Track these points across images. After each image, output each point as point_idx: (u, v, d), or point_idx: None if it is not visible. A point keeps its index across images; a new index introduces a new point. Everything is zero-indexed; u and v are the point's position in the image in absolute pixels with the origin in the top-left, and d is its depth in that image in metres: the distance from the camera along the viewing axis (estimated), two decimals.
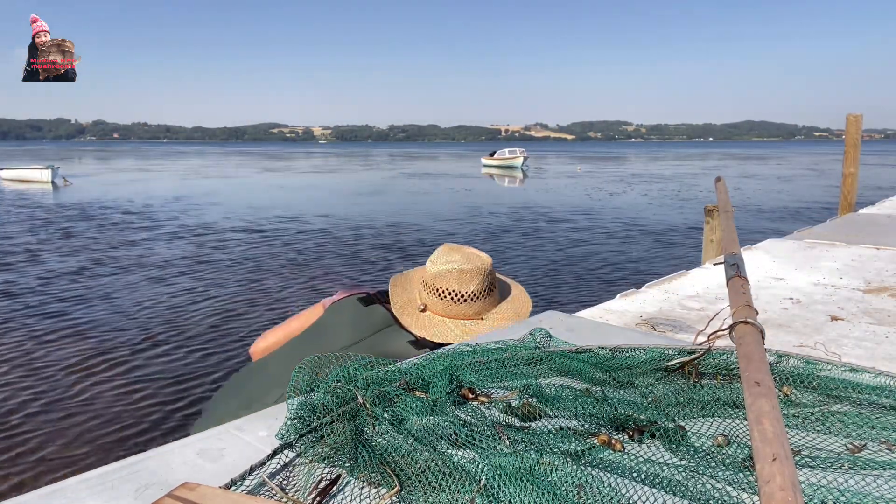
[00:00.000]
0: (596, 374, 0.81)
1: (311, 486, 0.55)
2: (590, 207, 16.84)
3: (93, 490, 0.57)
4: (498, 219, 13.67)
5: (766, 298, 1.58)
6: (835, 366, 0.82)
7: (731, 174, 32.21)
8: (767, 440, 0.54)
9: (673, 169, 41.31)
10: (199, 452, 0.65)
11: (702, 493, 0.53)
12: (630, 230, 12.50)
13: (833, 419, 0.68)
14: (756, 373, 0.66)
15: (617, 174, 34.27)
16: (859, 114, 8.06)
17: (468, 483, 0.53)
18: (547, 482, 0.53)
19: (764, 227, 11.92)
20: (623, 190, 22.81)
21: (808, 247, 2.40)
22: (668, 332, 1.26)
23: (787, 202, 17.76)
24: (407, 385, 0.74)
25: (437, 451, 0.59)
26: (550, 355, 0.85)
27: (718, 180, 1.29)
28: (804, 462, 0.60)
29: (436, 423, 0.65)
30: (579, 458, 0.59)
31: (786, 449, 0.53)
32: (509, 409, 0.71)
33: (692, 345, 0.91)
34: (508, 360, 0.84)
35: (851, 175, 8.12)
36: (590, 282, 8.37)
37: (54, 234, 10.14)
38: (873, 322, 1.37)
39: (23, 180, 26.78)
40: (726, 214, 1.11)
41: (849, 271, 1.92)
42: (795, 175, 32.40)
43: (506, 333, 1.00)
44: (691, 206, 16.71)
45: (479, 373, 0.80)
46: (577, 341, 0.93)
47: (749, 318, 0.80)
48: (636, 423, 0.66)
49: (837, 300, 1.56)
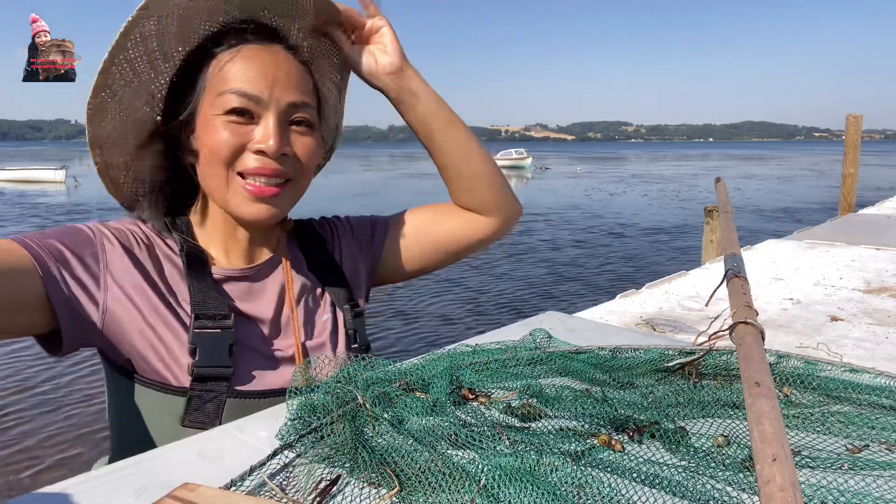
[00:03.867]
0: (596, 374, 0.81)
1: (311, 487, 0.55)
2: (590, 207, 16.84)
3: (93, 490, 0.57)
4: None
5: (767, 299, 1.58)
6: (835, 366, 0.82)
7: (731, 175, 32.22)
8: (767, 441, 0.54)
9: (673, 169, 41.31)
10: (199, 453, 0.65)
11: (702, 494, 0.53)
12: (630, 230, 12.50)
13: (833, 420, 0.68)
14: (756, 373, 0.66)
15: (617, 175, 34.27)
16: (859, 114, 8.07)
17: (468, 483, 0.53)
18: (547, 482, 0.53)
19: (764, 228, 11.93)
20: (623, 190, 22.82)
21: (808, 247, 2.40)
22: (668, 332, 1.26)
23: (787, 203, 17.76)
24: (407, 385, 0.74)
25: (437, 451, 0.59)
26: (550, 356, 0.85)
27: (718, 181, 1.29)
28: (804, 462, 0.60)
29: (436, 424, 0.65)
30: (579, 459, 0.59)
31: (786, 449, 0.53)
32: (509, 409, 0.71)
33: (692, 345, 0.91)
34: (508, 360, 0.84)
35: (851, 175, 8.14)
36: (590, 282, 8.37)
37: None
38: (873, 322, 1.37)
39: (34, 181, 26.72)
40: (726, 215, 1.11)
41: (849, 271, 1.92)
42: (795, 176, 32.39)
43: (506, 334, 1.00)
44: (691, 207, 16.70)
45: (479, 373, 0.80)
46: (577, 342, 0.93)
47: (749, 319, 0.80)
48: (636, 423, 0.66)
49: (837, 300, 1.56)
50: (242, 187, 0.84)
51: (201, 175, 0.87)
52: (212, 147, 0.82)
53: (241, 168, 0.83)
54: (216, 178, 0.84)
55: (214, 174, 0.84)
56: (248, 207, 0.85)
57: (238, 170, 0.83)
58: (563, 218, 14.64)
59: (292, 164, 0.86)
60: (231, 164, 0.83)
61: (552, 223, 13.76)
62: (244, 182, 0.84)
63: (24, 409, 4.22)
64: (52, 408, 4.21)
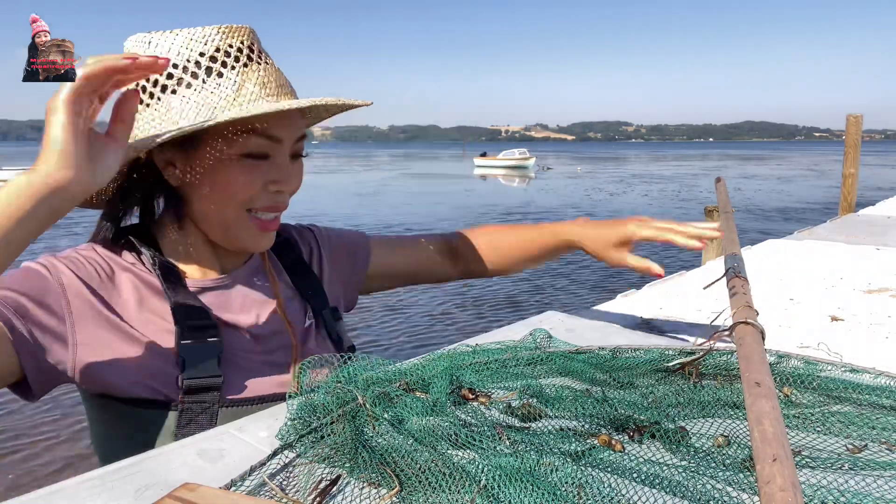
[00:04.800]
0: (596, 374, 0.81)
1: (311, 487, 0.55)
2: (590, 207, 16.83)
3: (92, 490, 0.57)
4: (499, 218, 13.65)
5: (767, 298, 1.58)
6: (835, 366, 0.81)
7: (731, 175, 32.21)
8: (767, 441, 0.54)
9: (673, 169, 41.29)
10: (200, 453, 0.65)
11: (702, 494, 0.53)
12: None
13: (833, 420, 0.68)
14: (756, 373, 0.66)
15: (617, 175, 34.26)
16: (859, 114, 8.06)
17: (468, 484, 0.53)
18: (547, 482, 0.53)
19: (764, 228, 11.91)
20: (623, 190, 22.81)
21: (809, 247, 2.40)
22: (668, 332, 1.26)
23: (787, 203, 17.75)
24: (407, 385, 0.73)
25: (438, 451, 0.59)
26: (551, 356, 0.85)
27: (719, 181, 1.29)
28: (804, 463, 0.60)
29: (436, 424, 0.65)
30: (579, 459, 0.59)
31: (786, 450, 0.53)
32: (509, 409, 0.71)
33: (692, 346, 0.91)
34: (509, 360, 0.84)
35: (851, 175, 8.13)
36: (590, 282, 8.37)
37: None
38: (874, 322, 1.37)
39: None
40: (726, 215, 1.11)
41: (849, 271, 1.92)
42: (795, 175, 32.37)
43: (506, 334, 1.00)
44: (691, 207, 16.70)
45: (480, 373, 0.80)
46: (578, 342, 0.93)
47: (749, 319, 0.80)
48: (636, 423, 0.66)
49: (837, 300, 1.56)
50: (252, 223, 0.84)
51: (198, 207, 0.84)
52: (227, 189, 0.81)
53: (252, 205, 0.83)
54: (222, 215, 0.83)
55: (221, 211, 0.83)
56: (256, 241, 0.86)
57: (248, 206, 0.83)
58: (564, 217, 14.59)
59: (291, 193, 0.88)
60: (245, 203, 0.82)
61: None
62: (252, 217, 0.84)
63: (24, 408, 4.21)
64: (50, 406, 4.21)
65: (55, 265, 0.79)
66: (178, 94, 0.77)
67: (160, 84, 0.78)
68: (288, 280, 0.98)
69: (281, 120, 0.81)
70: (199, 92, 0.77)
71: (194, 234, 0.88)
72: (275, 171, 0.82)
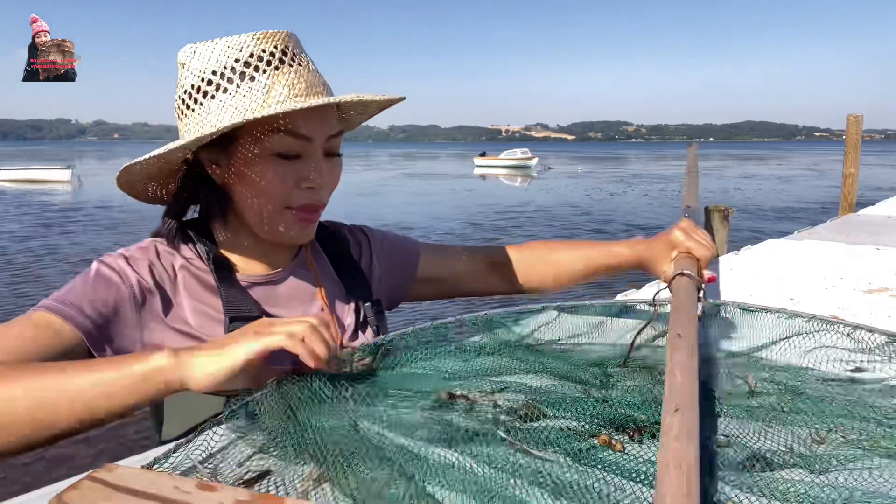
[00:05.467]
0: (595, 373, 0.81)
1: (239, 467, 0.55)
2: (590, 207, 16.83)
3: None
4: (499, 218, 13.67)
5: (767, 298, 1.58)
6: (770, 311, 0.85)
7: (731, 174, 32.19)
8: (674, 391, 0.54)
9: (673, 169, 41.29)
10: None
11: None
12: (630, 230, 12.49)
13: (795, 410, 0.67)
14: (681, 325, 0.67)
15: (617, 174, 34.26)
16: (859, 114, 8.07)
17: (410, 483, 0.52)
18: (547, 483, 0.53)
19: (764, 228, 11.91)
20: (623, 190, 22.81)
21: (809, 247, 2.40)
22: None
23: (787, 202, 17.75)
24: (394, 384, 0.73)
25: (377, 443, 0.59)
26: (549, 354, 0.85)
27: (690, 146, 1.38)
28: (769, 457, 0.59)
29: (419, 422, 0.65)
30: (579, 459, 0.59)
31: (691, 399, 0.53)
32: (509, 409, 0.71)
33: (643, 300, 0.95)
34: (505, 359, 0.84)
35: (852, 175, 8.13)
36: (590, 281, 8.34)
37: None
38: (873, 322, 1.37)
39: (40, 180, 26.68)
40: (692, 174, 1.20)
41: (849, 271, 1.92)
42: (796, 175, 32.37)
43: (506, 334, 1.00)
44: None
45: (475, 373, 0.80)
46: (578, 340, 0.93)
47: (686, 270, 0.83)
48: (636, 423, 0.66)
49: (837, 300, 1.56)
50: (291, 218, 0.87)
51: (241, 204, 0.88)
52: (261, 188, 0.84)
53: (289, 203, 0.86)
54: (262, 211, 0.87)
55: (260, 208, 0.87)
56: (296, 234, 0.89)
57: (286, 205, 0.86)
58: (564, 217, 14.62)
59: (328, 190, 0.90)
60: (281, 201, 0.86)
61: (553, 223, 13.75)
62: (291, 213, 0.87)
63: None
64: None
65: (124, 271, 0.83)
66: (216, 98, 0.81)
67: (202, 90, 0.82)
68: (333, 274, 1.01)
69: (308, 118, 0.83)
70: (234, 96, 0.80)
71: (242, 230, 0.92)
72: (306, 169, 0.85)
